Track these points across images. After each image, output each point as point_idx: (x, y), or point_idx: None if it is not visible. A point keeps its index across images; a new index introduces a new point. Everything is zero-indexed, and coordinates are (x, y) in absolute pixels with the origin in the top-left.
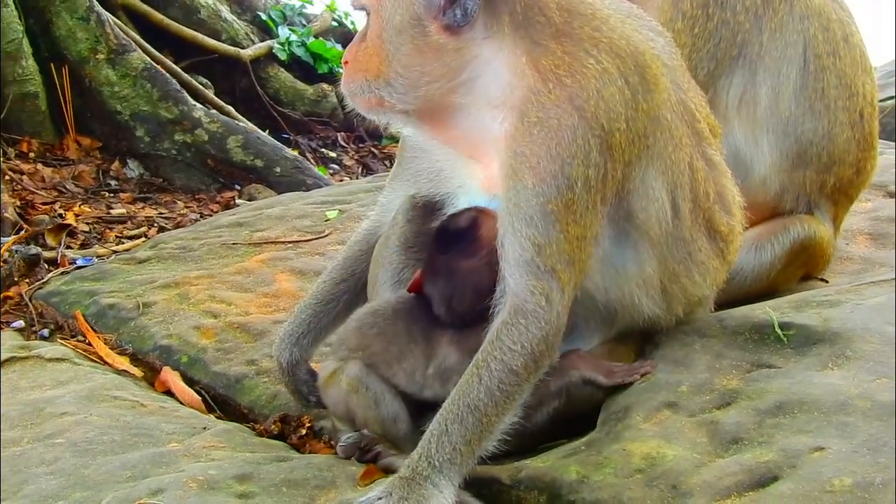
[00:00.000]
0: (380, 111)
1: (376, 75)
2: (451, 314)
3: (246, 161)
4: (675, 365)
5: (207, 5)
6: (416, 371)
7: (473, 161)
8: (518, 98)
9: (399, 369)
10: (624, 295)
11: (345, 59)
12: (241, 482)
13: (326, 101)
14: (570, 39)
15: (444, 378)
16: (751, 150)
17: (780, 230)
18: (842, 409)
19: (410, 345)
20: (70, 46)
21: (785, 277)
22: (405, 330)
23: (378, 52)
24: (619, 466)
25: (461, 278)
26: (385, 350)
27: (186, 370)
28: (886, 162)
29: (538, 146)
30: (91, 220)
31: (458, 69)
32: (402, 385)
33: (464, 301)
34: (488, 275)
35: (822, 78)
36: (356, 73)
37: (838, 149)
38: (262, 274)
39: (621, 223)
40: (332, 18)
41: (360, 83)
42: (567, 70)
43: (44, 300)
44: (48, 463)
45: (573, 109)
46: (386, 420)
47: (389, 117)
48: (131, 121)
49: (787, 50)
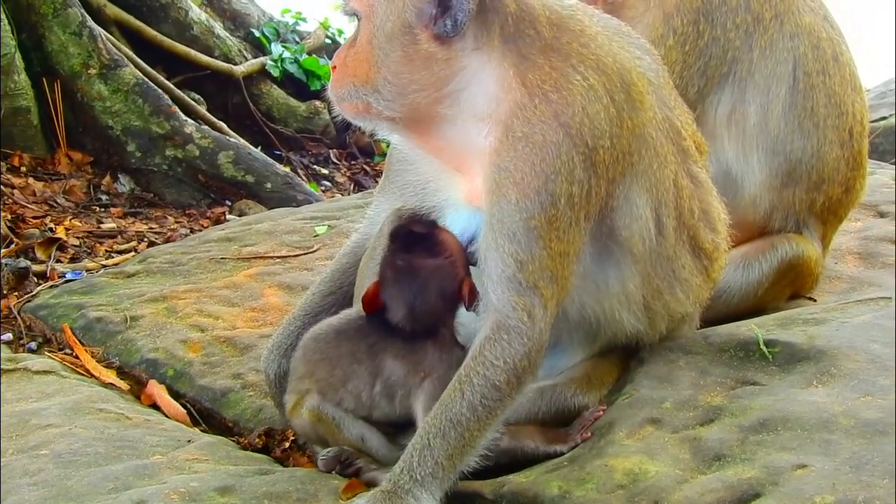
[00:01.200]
0: (366, 117)
1: (364, 81)
2: (412, 318)
3: (237, 176)
4: (660, 381)
5: (200, 22)
6: (363, 392)
7: (458, 173)
8: (504, 112)
9: (345, 393)
10: (604, 310)
11: (333, 64)
12: (222, 494)
13: (319, 117)
14: (558, 55)
15: (390, 395)
16: (741, 169)
17: (769, 248)
18: (825, 426)
19: (354, 365)
20: (62, 61)
21: (773, 296)
22: (349, 352)
23: (367, 58)
24: (601, 482)
25: (425, 277)
26: (330, 375)
27: (172, 383)
28: (876, 182)
29: (522, 161)
30: (81, 235)
31: (446, 79)
32: (350, 408)
33: (427, 302)
34: (452, 277)
35: (812, 96)
36: (344, 77)
37: (828, 167)
38: (250, 288)
39: (604, 240)
40: (326, 36)
41: (348, 88)
42: (553, 85)
43: (32, 313)
44: (31, 474)
45: (558, 126)
46: (354, 442)
47: (376, 124)
48: (123, 136)
49: (777, 68)
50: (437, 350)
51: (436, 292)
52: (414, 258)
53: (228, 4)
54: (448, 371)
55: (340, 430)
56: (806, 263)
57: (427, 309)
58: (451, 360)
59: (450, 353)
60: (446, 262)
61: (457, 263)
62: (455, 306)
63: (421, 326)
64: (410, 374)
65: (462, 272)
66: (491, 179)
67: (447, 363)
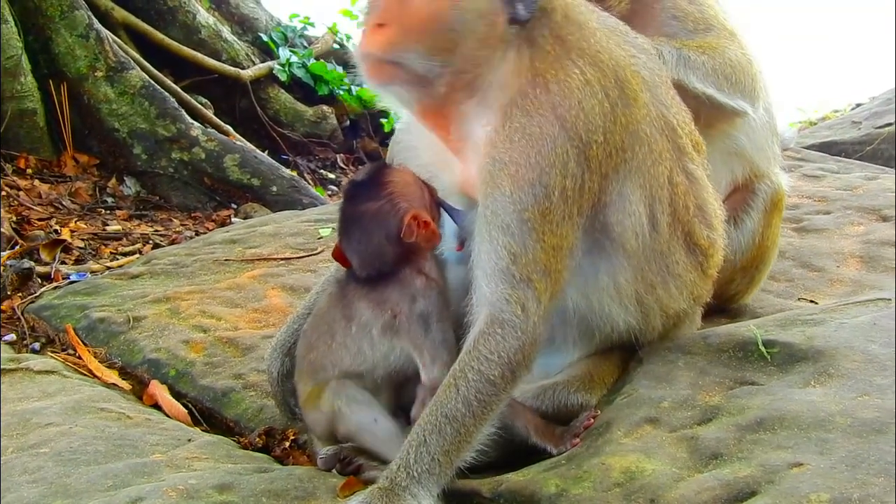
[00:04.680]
0: (399, 86)
1: (429, 49)
2: (365, 265)
3: (242, 179)
4: (658, 381)
5: (208, 25)
6: (347, 340)
7: (457, 160)
8: (506, 99)
9: (341, 351)
10: (593, 304)
11: (380, 22)
12: (220, 492)
13: (326, 122)
14: (562, 45)
15: (365, 332)
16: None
17: (750, 196)
18: (822, 425)
19: (336, 322)
20: (69, 63)
21: (770, 238)
22: (333, 315)
23: (439, 28)
24: (598, 480)
25: (366, 222)
26: (324, 343)
27: (174, 383)
28: (879, 186)
29: (518, 153)
30: (86, 237)
31: (490, 62)
32: (347, 366)
33: (372, 244)
34: (393, 214)
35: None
36: (399, 40)
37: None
38: (253, 290)
39: (596, 235)
40: (334, 41)
41: (399, 52)
42: (554, 76)
43: (35, 314)
44: (31, 472)
45: (555, 119)
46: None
47: (401, 96)
48: (129, 138)
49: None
50: (397, 286)
51: (378, 234)
52: (356, 206)
53: (236, 9)
54: (412, 304)
55: (351, 411)
56: (783, 193)
57: (374, 251)
58: (411, 294)
59: (410, 286)
60: (386, 202)
61: (397, 199)
62: (409, 242)
63: (377, 270)
64: (376, 311)
65: (405, 205)
66: (486, 171)
67: (408, 297)
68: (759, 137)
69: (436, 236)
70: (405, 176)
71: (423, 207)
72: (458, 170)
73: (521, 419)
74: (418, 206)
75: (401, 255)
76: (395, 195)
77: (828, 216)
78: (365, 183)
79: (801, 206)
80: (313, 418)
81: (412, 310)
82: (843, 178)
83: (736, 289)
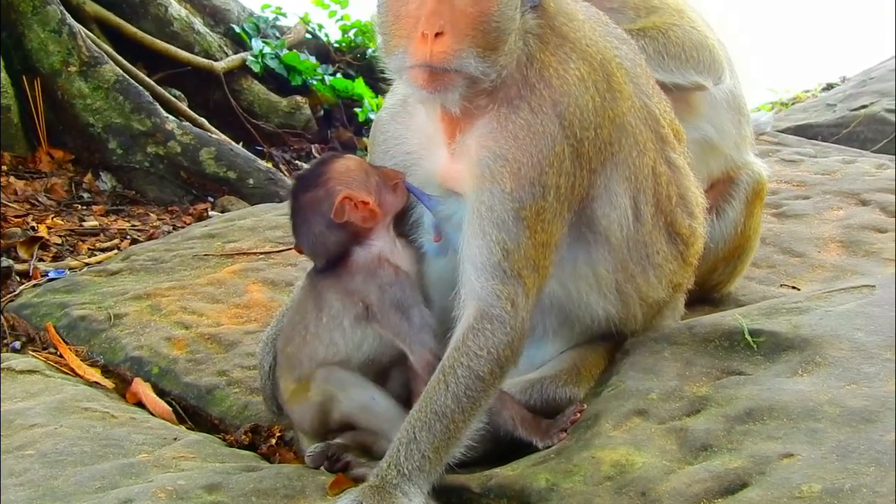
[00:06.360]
0: (455, 90)
1: (486, 50)
2: (314, 253)
3: (219, 173)
4: (645, 373)
5: (180, 18)
6: (320, 330)
7: (444, 150)
8: (513, 91)
9: (314, 342)
10: (571, 293)
11: (439, 31)
12: (210, 492)
13: (300, 113)
14: (558, 38)
15: (336, 322)
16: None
17: (731, 186)
18: (811, 415)
19: (309, 313)
20: (42, 59)
21: (752, 228)
22: (306, 306)
23: (491, 28)
24: (588, 474)
25: (305, 212)
26: (299, 335)
27: (157, 381)
28: (858, 170)
29: (521, 151)
30: (63, 233)
31: (513, 52)
32: (321, 357)
33: (314, 234)
34: (328, 199)
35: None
36: (463, 46)
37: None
38: (233, 285)
39: (582, 228)
40: (306, 31)
41: (463, 58)
42: (555, 71)
43: (15, 312)
44: (17, 474)
45: (555, 116)
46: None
47: (451, 98)
48: (104, 133)
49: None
50: (361, 274)
51: (316, 220)
52: (298, 198)
53: (208, 0)
54: (381, 294)
55: (347, 395)
56: (764, 182)
57: (317, 239)
58: (377, 283)
59: (374, 274)
60: (320, 189)
61: (332, 184)
62: (345, 222)
63: (327, 257)
64: (346, 301)
65: (339, 188)
66: (484, 164)
67: (375, 286)
68: (721, 119)
69: (375, 215)
70: (347, 162)
71: (363, 189)
72: (442, 159)
73: (507, 410)
74: (355, 188)
75: (344, 239)
76: (331, 181)
77: (807, 201)
78: (305, 175)
79: (779, 192)
80: (300, 413)
81: (383, 300)
82: (821, 163)
83: (718, 278)
